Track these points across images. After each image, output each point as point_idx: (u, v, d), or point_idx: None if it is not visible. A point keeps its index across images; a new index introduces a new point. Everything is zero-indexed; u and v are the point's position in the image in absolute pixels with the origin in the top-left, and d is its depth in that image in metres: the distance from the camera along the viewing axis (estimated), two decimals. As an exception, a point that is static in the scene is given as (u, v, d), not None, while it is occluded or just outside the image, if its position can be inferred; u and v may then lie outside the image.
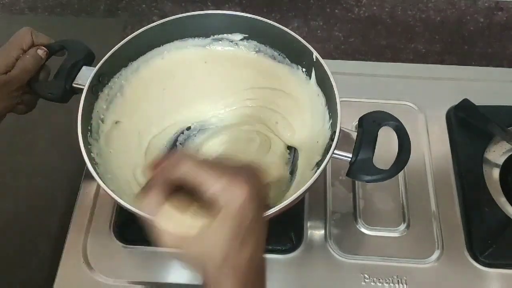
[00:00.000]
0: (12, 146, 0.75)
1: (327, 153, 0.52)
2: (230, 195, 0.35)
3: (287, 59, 0.64)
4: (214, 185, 0.35)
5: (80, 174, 0.68)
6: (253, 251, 0.38)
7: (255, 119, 0.63)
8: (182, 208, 0.36)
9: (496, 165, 0.70)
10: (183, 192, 0.37)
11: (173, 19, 0.61)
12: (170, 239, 0.36)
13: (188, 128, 0.65)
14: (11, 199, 0.71)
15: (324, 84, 0.59)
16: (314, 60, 0.59)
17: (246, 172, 0.37)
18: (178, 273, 0.61)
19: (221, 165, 0.37)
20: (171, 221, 0.36)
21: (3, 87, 0.54)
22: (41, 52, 0.57)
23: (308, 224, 0.65)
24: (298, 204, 0.61)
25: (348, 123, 0.70)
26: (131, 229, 0.64)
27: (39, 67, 0.57)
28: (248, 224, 0.36)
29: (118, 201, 0.49)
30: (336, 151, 0.52)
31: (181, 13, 0.62)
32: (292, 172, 0.59)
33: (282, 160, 0.61)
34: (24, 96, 0.58)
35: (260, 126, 0.63)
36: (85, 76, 0.57)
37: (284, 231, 0.64)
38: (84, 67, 0.59)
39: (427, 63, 0.83)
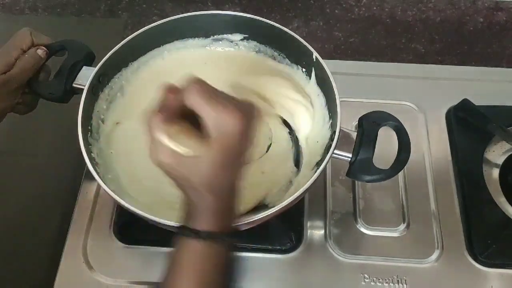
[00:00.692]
0: (12, 146, 0.75)
1: (327, 153, 0.52)
2: (223, 125, 0.38)
3: (287, 59, 0.64)
4: (210, 113, 0.38)
5: (80, 174, 0.68)
6: (235, 179, 0.41)
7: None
8: (183, 132, 0.39)
9: (496, 165, 0.70)
10: (189, 119, 0.39)
11: (173, 19, 0.61)
12: (164, 154, 0.38)
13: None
14: (11, 199, 0.71)
15: (324, 84, 0.59)
16: (314, 60, 0.59)
17: (244, 108, 0.39)
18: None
19: (223, 98, 0.39)
20: (170, 139, 0.38)
21: (3, 87, 0.55)
22: (41, 52, 0.57)
23: (308, 224, 0.65)
24: (298, 204, 0.61)
25: (348, 123, 0.70)
26: (131, 229, 0.64)
27: (39, 67, 0.57)
28: (235, 155, 0.39)
29: (118, 201, 0.49)
30: (336, 151, 0.52)
31: (181, 13, 0.62)
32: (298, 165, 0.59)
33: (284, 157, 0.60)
34: (24, 96, 0.58)
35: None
36: (85, 76, 0.57)
37: (284, 231, 0.64)
38: (84, 67, 0.59)
39: (427, 63, 0.83)
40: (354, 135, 0.54)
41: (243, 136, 0.39)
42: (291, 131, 0.61)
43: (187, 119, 0.39)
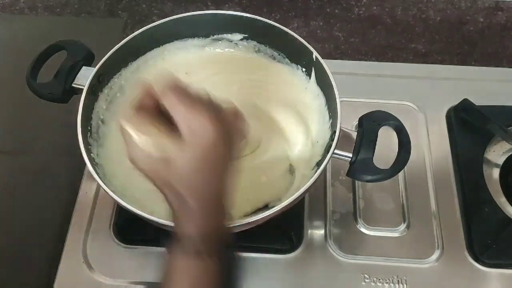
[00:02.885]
0: (12, 146, 0.75)
1: (327, 153, 0.52)
2: (197, 128, 0.37)
3: (287, 59, 0.64)
4: (184, 115, 0.37)
5: (80, 174, 0.68)
6: (218, 183, 0.40)
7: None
8: (156, 130, 0.38)
9: (496, 165, 0.70)
10: (164, 119, 0.39)
11: (173, 19, 0.61)
12: (136, 152, 0.38)
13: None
14: (11, 199, 0.71)
15: (324, 84, 0.59)
16: (314, 60, 0.59)
17: (220, 111, 0.39)
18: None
19: (199, 99, 0.38)
20: (140, 134, 0.38)
21: None
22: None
23: (308, 224, 0.65)
24: (298, 204, 0.61)
25: (348, 123, 0.70)
26: (131, 229, 0.64)
27: None
28: (213, 158, 0.38)
29: (118, 201, 0.49)
30: (336, 151, 0.52)
31: (181, 13, 0.62)
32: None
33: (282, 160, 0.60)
34: None
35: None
36: (85, 76, 0.57)
37: (284, 231, 0.64)
38: (83, 67, 0.59)
39: (427, 63, 0.83)
40: (354, 135, 0.54)
41: (220, 140, 0.38)
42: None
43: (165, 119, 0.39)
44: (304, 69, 0.63)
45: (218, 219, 0.42)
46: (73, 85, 0.58)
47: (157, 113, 0.39)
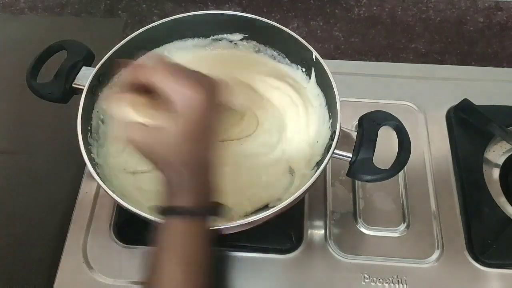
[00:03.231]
0: (12, 146, 0.75)
1: (327, 153, 0.52)
2: (188, 99, 0.39)
3: (287, 59, 0.64)
4: (176, 88, 0.39)
5: (80, 174, 0.68)
6: (207, 152, 0.42)
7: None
8: (149, 105, 0.40)
9: (496, 165, 0.70)
10: (151, 95, 0.41)
11: (173, 19, 0.61)
12: (132, 130, 0.40)
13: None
14: (11, 199, 0.71)
15: (324, 84, 0.59)
16: (314, 60, 0.59)
17: (208, 82, 0.41)
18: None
19: (187, 72, 0.41)
20: (136, 111, 0.40)
21: None
22: None
23: (308, 224, 0.65)
24: (298, 204, 0.61)
25: (348, 123, 0.70)
26: (131, 229, 0.64)
27: None
28: (203, 127, 0.40)
29: (118, 201, 0.49)
30: (336, 151, 0.52)
31: (181, 13, 0.62)
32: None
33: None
34: None
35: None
36: (85, 77, 0.57)
37: (284, 231, 0.64)
38: (84, 67, 0.59)
39: (427, 63, 0.83)
40: (354, 135, 0.54)
41: (209, 109, 0.40)
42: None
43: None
44: (304, 69, 0.63)
45: (209, 189, 0.43)
46: (73, 85, 0.58)
47: (144, 93, 0.40)
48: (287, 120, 0.61)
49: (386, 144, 0.57)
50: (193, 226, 0.41)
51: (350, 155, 0.53)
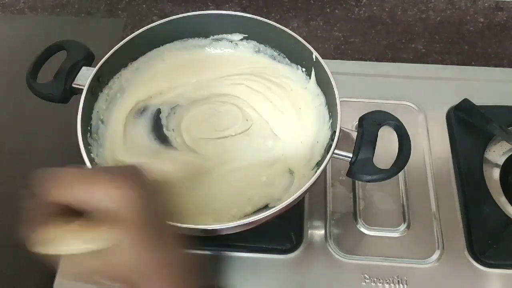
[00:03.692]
0: (12, 146, 0.75)
1: (327, 153, 0.52)
2: (122, 198, 0.32)
3: (286, 59, 0.64)
4: (102, 194, 0.32)
5: (80, 174, 0.68)
6: (170, 248, 0.36)
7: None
8: (82, 227, 0.33)
9: (496, 165, 0.70)
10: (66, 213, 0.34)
11: (173, 19, 0.61)
12: (82, 263, 0.33)
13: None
14: (11, 199, 0.70)
15: (324, 84, 0.59)
16: (314, 60, 0.59)
17: (131, 171, 0.35)
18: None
19: (96, 175, 0.34)
20: (70, 243, 0.33)
21: None
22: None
23: (308, 224, 0.65)
24: (298, 204, 0.61)
25: (348, 123, 0.70)
26: (131, 229, 0.63)
27: None
28: (156, 223, 0.34)
29: (118, 201, 0.49)
30: (336, 151, 0.52)
31: (181, 13, 0.62)
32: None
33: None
34: None
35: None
36: (85, 77, 0.57)
37: (284, 231, 0.64)
38: (83, 68, 0.59)
39: (427, 63, 0.83)
40: (354, 135, 0.54)
41: (147, 196, 0.34)
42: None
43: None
44: (304, 69, 0.63)
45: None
46: (73, 85, 0.58)
47: (62, 216, 0.33)
48: (281, 108, 0.62)
49: (386, 144, 0.57)
50: None
51: (350, 155, 0.53)
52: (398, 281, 0.61)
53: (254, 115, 0.61)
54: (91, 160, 0.53)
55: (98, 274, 0.34)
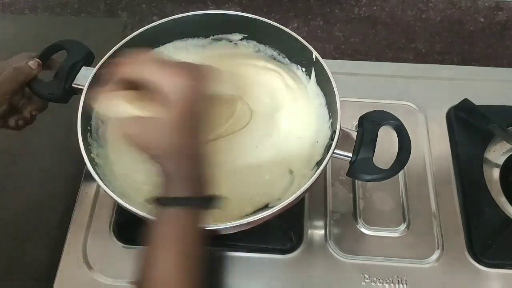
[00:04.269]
0: (12, 146, 0.75)
1: (327, 152, 0.52)
2: (179, 88, 0.39)
3: (286, 59, 0.64)
4: (166, 79, 0.39)
5: (80, 174, 0.68)
6: (200, 142, 0.42)
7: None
8: (142, 98, 0.40)
9: (496, 165, 0.70)
10: (140, 90, 0.41)
11: (173, 19, 0.61)
12: (128, 125, 0.40)
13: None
14: (11, 199, 0.71)
15: (324, 84, 0.59)
16: (314, 59, 0.59)
17: (196, 69, 0.41)
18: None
19: (171, 63, 0.41)
20: (125, 106, 0.40)
21: None
22: (32, 63, 0.57)
23: (308, 224, 0.65)
24: (298, 204, 0.61)
25: (348, 123, 0.70)
26: (131, 229, 0.64)
27: (28, 79, 0.57)
28: (196, 115, 0.41)
29: (118, 201, 0.49)
30: (336, 151, 0.52)
31: (181, 13, 0.62)
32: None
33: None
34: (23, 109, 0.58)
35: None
36: (85, 77, 0.57)
37: (284, 231, 0.64)
38: (83, 68, 0.59)
39: (427, 63, 0.83)
40: (354, 134, 0.54)
41: (198, 96, 0.40)
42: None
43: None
44: (304, 69, 0.63)
45: (204, 180, 0.43)
46: (73, 85, 0.58)
47: (133, 88, 0.41)
48: (280, 104, 0.61)
49: (386, 144, 0.57)
50: (190, 217, 0.41)
51: (350, 154, 0.53)
52: (398, 281, 0.61)
53: (252, 114, 0.61)
54: (91, 160, 0.53)
55: (135, 138, 0.41)
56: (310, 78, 0.62)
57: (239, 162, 0.58)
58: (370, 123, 0.55)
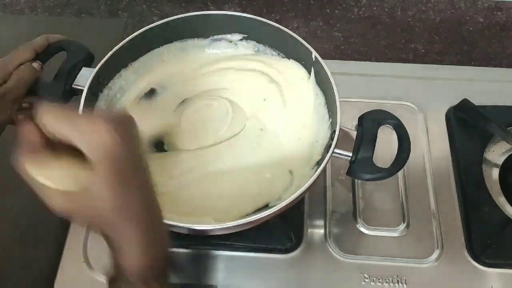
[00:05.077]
0: (12, 146, 0.75)
1: (327, 152, 0.52)
2: (100, 142, 0.33)
3: (286, 58, 0.64)
4: (80, 135, 0.33)
5: (80, 174, 0.68)
6: (141, 189, 0.36)
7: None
8: (59, 163, 0.35)
9: (496, 165, 0.70)
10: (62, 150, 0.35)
11: (173, 19, 0.62)
12: (56, 199, 0.35)
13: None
14: (11, 199, 0.71)
15: (323, 83, 0.59)
16: (314, 60, 0.59)
17: (113, 117, 0.35)
18: (176, 273, 0.61)
19: (83, 116, 0.36)
20: (47, 178, 0.35)
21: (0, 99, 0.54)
22: (36, 65, 0.57)
23: (308, 224, 0.65)
24: (298, 204, 0.61)
25: (348, 123, 0.70)
26: (131, 229, 0.63)
27: (34, 80, 0.57)
28: (129, 169, 0.35)
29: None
30: (336, 150, 0.52)
31: (181, 14, 0.62)
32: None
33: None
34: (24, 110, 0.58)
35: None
36: (85, 77, 0.57)
37: (284, 231, 0.64)
38: (83, 68, 0.59)
39: (427, 63, 0.83)
40: (354, 134, 0.54)
41: (127, 146, 0.34)
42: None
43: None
44: (304, 69, 0.63)
45: (159, 242, 0.39)
46: (73, 86, 0.58)
47: (50, 148, 0.35)
48: (280, 104, 0.62)
49: (386, 143, 0.57)
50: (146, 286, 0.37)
51: (350, 154, 0.53)
52: (398, 280, 0.61)
53: (252, 115, 0.61)
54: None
55: (78, 215, 0.36)
56: (309, 78, 0.62)
57: (239, 163, 0.58)
58: (370, 122, 0.55)
